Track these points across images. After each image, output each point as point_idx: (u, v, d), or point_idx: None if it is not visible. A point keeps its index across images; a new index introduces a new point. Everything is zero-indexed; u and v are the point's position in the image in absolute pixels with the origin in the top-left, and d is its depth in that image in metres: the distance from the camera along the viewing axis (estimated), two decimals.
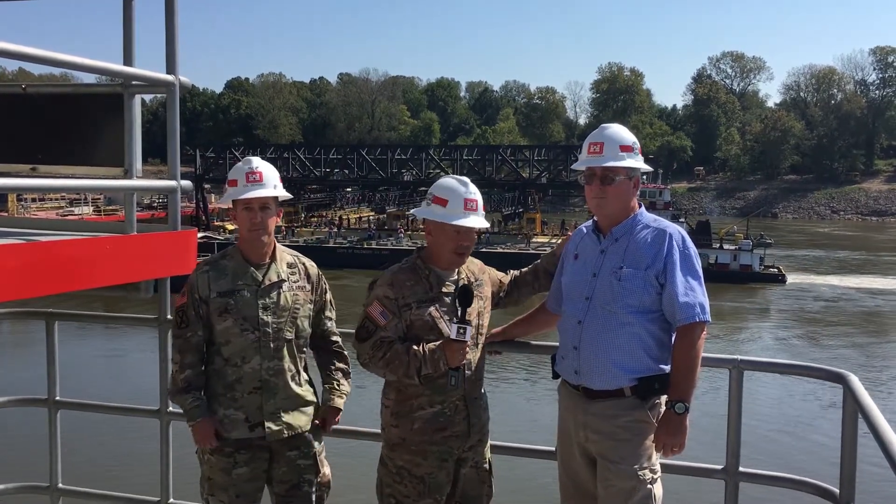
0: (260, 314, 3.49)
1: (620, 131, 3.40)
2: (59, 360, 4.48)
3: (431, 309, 3.39)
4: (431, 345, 3.33)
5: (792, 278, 47.22)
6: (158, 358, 4.24)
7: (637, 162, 3.33)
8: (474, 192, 3.43)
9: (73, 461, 4.99)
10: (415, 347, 3.32)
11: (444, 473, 3.45)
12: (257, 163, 3.53)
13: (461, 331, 3.27)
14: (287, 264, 3.64)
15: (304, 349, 3.66)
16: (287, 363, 3.55)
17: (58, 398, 4.44)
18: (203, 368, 3.55)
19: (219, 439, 3.50)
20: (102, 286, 3.65)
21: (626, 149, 3.32)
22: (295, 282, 3.62)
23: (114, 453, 15.03)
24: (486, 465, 3.63)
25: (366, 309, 3.42)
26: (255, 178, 3.47)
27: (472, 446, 3.51)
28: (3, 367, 21.25)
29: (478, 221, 3.40)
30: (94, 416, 5.11)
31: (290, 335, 3.55)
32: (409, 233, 51.80)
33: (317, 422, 3.69)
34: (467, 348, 3.32)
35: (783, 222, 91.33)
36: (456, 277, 3.49)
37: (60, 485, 4.48)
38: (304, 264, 3.70)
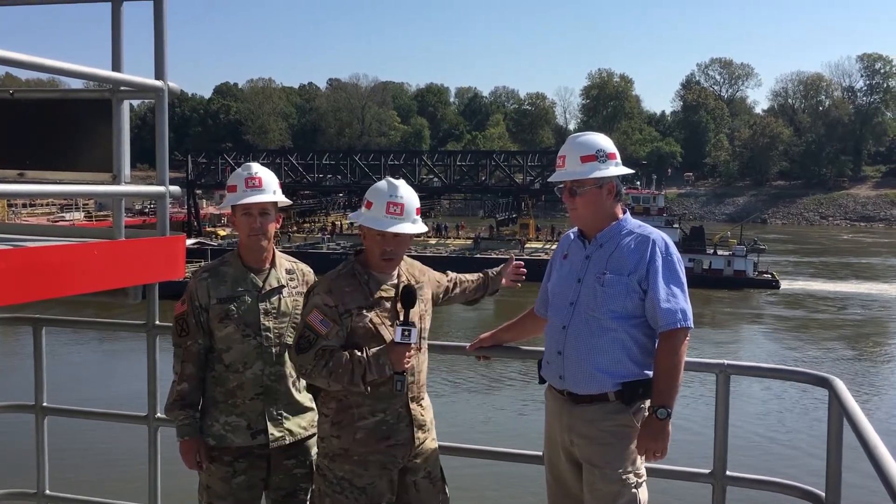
0: (261, 319, 3.50)
1: (584, 141, 3.36)
2: (48, 365, 4.46)
3: (372, 315, 3.29)
4: (376, 349, 3.25)
5: (785, 284, 47.45)
6: (146, 363, 4.24)
7: (603, 170, 3.28)
8: (402, 196, 3.27)
9: (60, 467, 4.96)
10: (358, 353, 3.23)
11: (386, 482, 3.36)
12: (256, 168, 3.53)
13: (406, 333, 3.19)
14: (286, 270, 3.64)
15: None
16: (288, 369, 3.55)
17: (45, 404, 4.42)
18: (202, 378, 3.54)
19: (216, 451, 3.49)
20: (90, 292, 3.63)
21: (589, 158, 3.30)
22: (294, 287, 3.63)
23: (102, 459, 14.96)
24: (440, 474, 3.54)
25: (305, 318, 3.30)
26: (254, 184, 3.47)
27: (419, 455, 3.43)
28: None
29: (402, 227, 3.25)
30: (82, 421, 5.09)
31: (290, 340, 3.54)
32: None
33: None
34: (412, 351, 3.26)
35: (773, 228, 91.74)
36: (396, 281, 3.39)
37: (48, 491, 4.46)
38: (301, 271, 3.71)
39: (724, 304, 40.86)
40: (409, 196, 3.31)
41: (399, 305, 3.30)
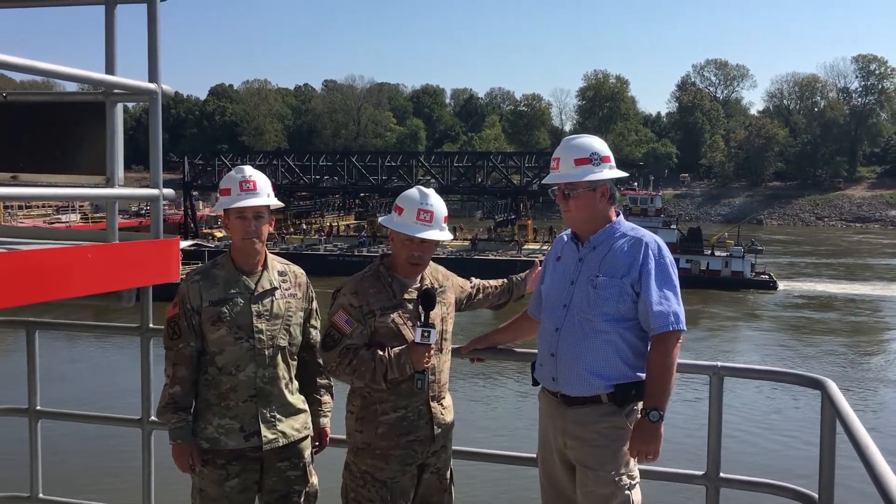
0: (254, 322, 3.49)
1: (578, 144, 3.37)
2: (41, 368, 4.45)
3: (395, 315, 3.45)
4: (397, 349, 3.39)
5: (783, 285, 47.48)
6: (140, 366, 4.23)
7: (597, 173, 3.29)
8: (432, 205, 3.45)
9: (54, 471, 4.96)
10: (380, 353, 3.38)
11: (408, 478, 3.50)
12: (250, 171, 3.54)
13: (425, 334, 3.34)
14: (278, 272, 3.64)
15: (296, 357, 3.67)
16: (281, 371, 3.56)
17: (38, 407, 4.41)
18: (195, 381, 3.53)
19: (209, 454, 3.49)
20: (83, 295, 3.63)
21: (583, 161, 3.31)
22: (287, 289, 3.63)
23: (96, 462, 14.93)
24: (448, 473, 3.66)
25: (331, 318, 3.49)
26: (248, 187, 3.48)
27: (435, 452, 3.56)
28: None
29: (430, 234, 3.43)
30: (76, 425, 5.08)
31: (283, 342, 3.56)
32: None
33: (317, 443, 3.77)
34: (432, 352, 3.38)
35: (769, 229, 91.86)
36: (419, 284, 3.54)
37: (41, 495, 4.45)
38: (294, 272, 3.71)
39: (721, 305, 40.90)
40: (438, 204, 3.50)
41: (420, 307, 3.42)
